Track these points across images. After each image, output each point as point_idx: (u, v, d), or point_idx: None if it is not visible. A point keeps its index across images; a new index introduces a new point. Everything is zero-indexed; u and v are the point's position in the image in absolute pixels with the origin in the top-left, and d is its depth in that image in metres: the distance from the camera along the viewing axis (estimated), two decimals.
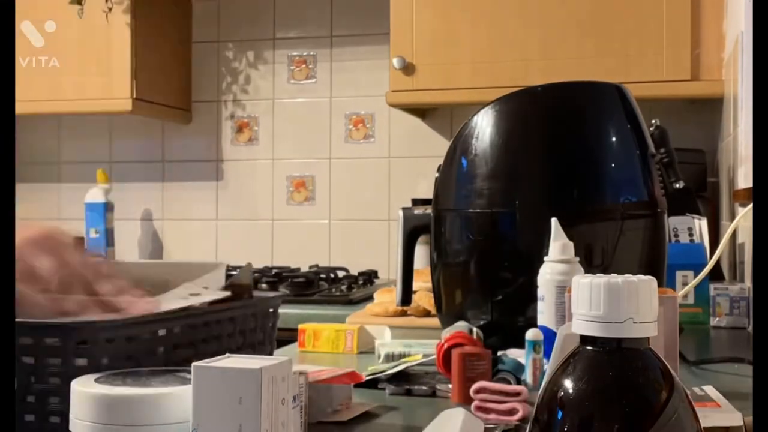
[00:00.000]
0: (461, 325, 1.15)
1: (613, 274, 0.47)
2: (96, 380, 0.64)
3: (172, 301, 0.83)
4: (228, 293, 0.90)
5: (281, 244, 2.81)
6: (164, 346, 0.80)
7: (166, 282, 0.89)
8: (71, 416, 0.61)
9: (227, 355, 0.62)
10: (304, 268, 2.56)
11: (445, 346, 1.08)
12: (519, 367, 1.02)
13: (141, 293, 0.82)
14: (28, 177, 2.96)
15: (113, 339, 0.74)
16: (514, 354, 1.07)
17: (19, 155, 2.94)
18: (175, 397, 0.60)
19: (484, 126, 1.24)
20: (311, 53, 2.80)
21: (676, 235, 1.84)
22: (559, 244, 1.03)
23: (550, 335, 0.98)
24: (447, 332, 1.12)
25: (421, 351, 1.24)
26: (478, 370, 1.00)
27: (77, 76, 2.57)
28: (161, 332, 0.79)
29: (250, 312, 0.94)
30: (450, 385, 1.04)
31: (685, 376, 1.15)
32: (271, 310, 0.99)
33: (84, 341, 0.72)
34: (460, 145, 1.27)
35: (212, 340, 0.87)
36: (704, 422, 0.47)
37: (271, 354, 1.00)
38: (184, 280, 0.92)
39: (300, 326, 1.47)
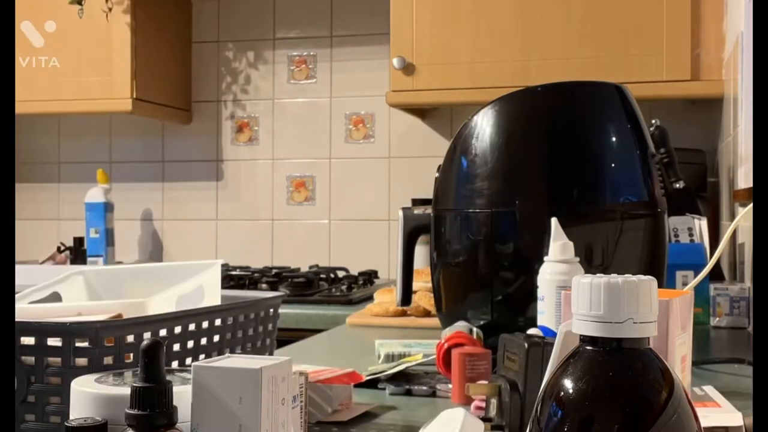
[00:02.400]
0: (461, 325, 1.15)
1: (613, 274, 0.47)
2: (96, 380, 0.64)
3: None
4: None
5: (281, 244, 2.81)
6: (164, 346, 0.80)
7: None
8: (71, 416, 0.61)
9: (227, 355, 0.62)
10: (304, 268, 2.56)
11: (445, 346, 1.08)
12: None
13: None
14: (28, 177, 2.96)
15: (113, 339, 0.74)
16: None
17: (19, 155, 2.94)
18: (175, 396, 0.60)
19: (484, 126, 1.24)
20: (311, 53, 2.80)
21: (676, 235, 1.84)
22: (559, 244, 1.03)
23: (550, 335, 0.98)
24: (447, 332, 1.12)
25: (421, 351, 1.24)
26: (479, 370, 1.00)
27: (77, 76, 2.57)
28: (162, 332, 0.79)
29: (251, 312, 0.94)
30: (450, 385, 1.04)
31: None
32: (271, 310, 0.99)
33: (84, 341, 0.72)
34: (460, 145, 1.27)
35: (213, 340, 0.87)
36: (704, 422, 0.47)
37: (271, 354, 1.00)
38: (177, 281, 0.92)
39: None
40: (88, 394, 0.61)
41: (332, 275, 2.42)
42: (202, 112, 2.87)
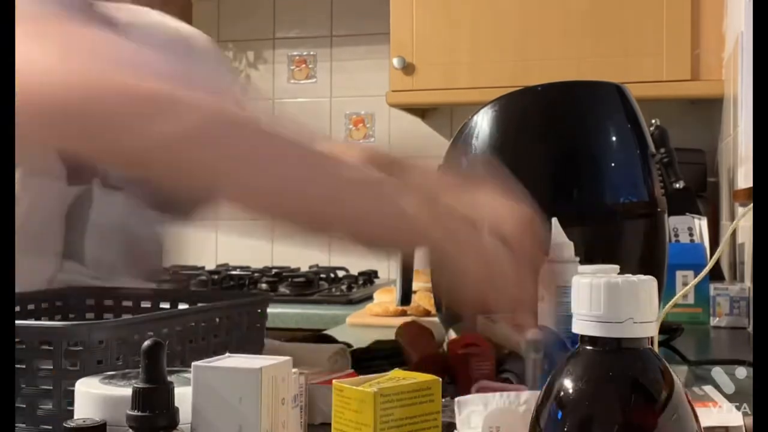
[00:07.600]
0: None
1: (613, 274, 0.47)
2: (101, 381, 0.64)
3: None
4: None
5: (281, 244, 2.80)
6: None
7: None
8: (75, 416, 0.61)
9: (227, 354, 0.62)
10: (304, 268, 2.56)
11: (459, 351, 1.08)
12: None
13: None
14: None
15: (103, 341, 0.73)
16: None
17: None
18: (177, 397, 0.60)
19: (484, 126, 1.24)
20: (311, 53, 2.80)
21: (676, 235, 1.84)
22: (559, 244, 1.03)
23: (550, 335, 0.97)
24: (452, 333, 1.12)
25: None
26: (483, 370, 1.00)
27: None
28: (149, 334, 0.78)
29: (237, 312, 0.92)
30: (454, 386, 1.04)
31: (686, 375, 1.15)
32: (259, 311, 0.97)
33: (76, 343, 0.71)
34: (460, 145, 1.27)
35: (199, 341, 0.86)
36: (704, 422, 0.47)
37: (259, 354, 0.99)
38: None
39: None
40: (91, 395, 0.61)
41: (332, 275, 2.42)
42: None
